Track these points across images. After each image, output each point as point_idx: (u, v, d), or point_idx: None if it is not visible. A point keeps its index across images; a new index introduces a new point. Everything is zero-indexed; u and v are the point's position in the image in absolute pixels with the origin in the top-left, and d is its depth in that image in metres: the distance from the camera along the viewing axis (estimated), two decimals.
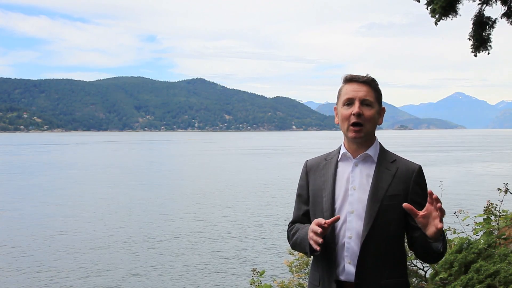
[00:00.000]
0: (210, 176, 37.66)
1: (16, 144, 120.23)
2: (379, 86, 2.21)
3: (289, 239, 2.31)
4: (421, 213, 1.95)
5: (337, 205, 2.13)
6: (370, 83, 2.15)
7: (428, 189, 1.99)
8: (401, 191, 2.11)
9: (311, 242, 2.02)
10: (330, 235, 2.11)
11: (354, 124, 2.11)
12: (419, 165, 2.18)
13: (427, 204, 1.96)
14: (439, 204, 1.91)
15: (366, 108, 2.12)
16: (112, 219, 20.07)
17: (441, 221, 1.92)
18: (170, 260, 13.91)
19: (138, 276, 12.50)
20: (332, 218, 2.00)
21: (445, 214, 1.91)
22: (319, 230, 1.99)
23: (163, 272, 12.83)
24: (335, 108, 2.25)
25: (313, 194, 2.22)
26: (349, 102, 2.14)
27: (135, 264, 13.50)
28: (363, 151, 2.16)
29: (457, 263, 4.50)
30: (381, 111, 2.20)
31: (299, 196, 2.31)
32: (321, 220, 2.00)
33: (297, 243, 2.21)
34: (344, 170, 2.18)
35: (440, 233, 1.95)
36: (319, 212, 2.17)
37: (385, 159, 2.17)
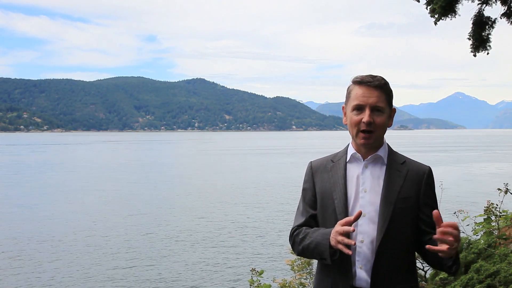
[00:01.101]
0: (210, 176, 37.67)
1: (16, 144, 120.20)
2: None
3: (295, 244, 2.17)
4: (443, 225, 1.87)
5: (349, 208, 2.07)
6: (383, 87, 2.06)
7: (453, 222, 1.88)
8: (413, 193, 2.05)
9: (340, 247, 1.92)
10: None
11: (364, 131, 2.05)
12: (429, 166, 2.13)
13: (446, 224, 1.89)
14: (451, 240, 1.85)
15: (376, 114, 2.05)
16: (112, 218, 20.07)
17: (451, 248, 1.85)
18: (170, 259, 13.92)
19: (138, 275, 12.51)
20: (356, 214, 1.93)
21: (458, 244, 1.86)
22: (351, 229, 1.91)
23: (162, 270, 12.84)
24: (343, 107, 2.17)
25: (322, 196, 2.15)
26: (359, 108, 2.05)
27: (135, 263, 13.51)
28: (372, 152, 2.10)
29: None
30: (391, 113, 2.13)
31: (304, 199, 2.23)
32: (349, 219, 1.93)
33: (310, 248, 2.09)
34: (354, 171, 2.12)
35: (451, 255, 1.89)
36: (329, 214, 2.10)
37: (395, 160, 2.12)
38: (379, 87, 2.05)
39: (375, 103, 2.03)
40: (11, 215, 20.99)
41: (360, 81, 2.06)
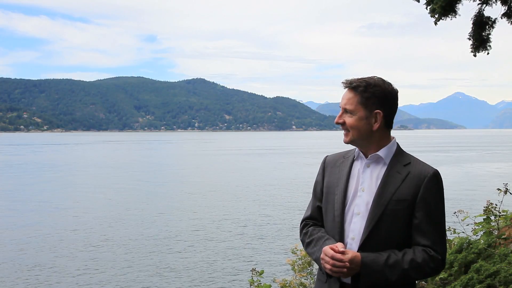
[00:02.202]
0: (210, 176, 37.68)
1: (17, 144, 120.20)
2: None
3: (303, 244, 2.27)
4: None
5: (346, 205, 2.11)
6: (355, 88, 2.08)
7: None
8: (409, 196, 2.02)
9: (327, 271, 2.02)
10: (337, 234, 2.10)
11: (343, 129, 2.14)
12: (435, 169, 2.07)
13: None
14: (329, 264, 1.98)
15: (347, 116, 2.10)
16: (111, 218, 20.06)
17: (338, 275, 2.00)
18: (170, 259, 13.92)
19: (137, 275, 12.51)
20: (341, 250, 1.99)
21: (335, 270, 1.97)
22: (340, 257, 1.98)
23: (162, 270, 12.84)
24: None
25: (327, 190, 2.20)
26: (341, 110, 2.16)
27: (135, 263, 13.51)
28: (374, 151, 2.12)
29: (457, 263, 4.46)
30: (375, 114, 2.09)
31: (314, 191, 2.31)
32: (336, 247, 1.99)
33: (312, 258, 2.20)
34: (357, 169, 2.16)
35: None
36: (330, 209, 2.16)
37: (399, 161, 2.10)
38: (352, 89, 2.09)
39: (343, 105, 2.10)
40: (13, 214, 20.99)
41: (342, 84, 2.15)
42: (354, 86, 2.08)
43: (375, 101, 2.08)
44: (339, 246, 1.98)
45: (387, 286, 2.00)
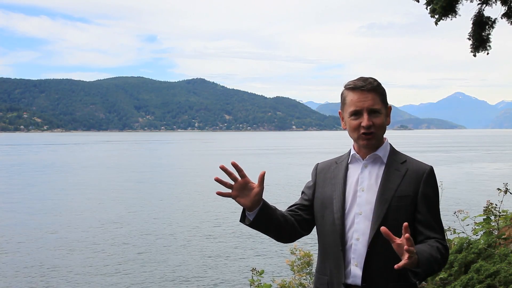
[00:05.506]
0: (210, 175, 37.58)
1: (17, 144, 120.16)
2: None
3: None
4: (398, 241, 1.85)
5: (346, 207, 2.11)
6: (376, 88, 2.09)
7: (407, 234, 1.81)
8: (410, 192, 2.06)
9: (219, 192, 2.18)
10: (338, 237, 2.09)
11: (365, 133, 2.08)
12: (431, 166, 2.13)
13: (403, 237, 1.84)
14: (406, 247, 1.81)
15: (374, 116, 2.08)
16: (110, 217, 20.04)
17: (407, 263, 1.82)
18: (169, 258, 13.91)
19: (136, 274, 12.50)
20: (260, 174, 2.15)
21: (410, 260, 1.82)
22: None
23: (161, 270, 12.83)
24: (340, 112, 2.22)
25: (322, 196, 2.20)
26: (356, 113, 2.09)
27: (134, 263, 13.50)
28: (371, 152, 2.13)
29: (457, 263, 4.48)
30: (388, 111, 2.17)
31: (302, 192, 2.33)
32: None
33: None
34: (354, 172, 2.16)
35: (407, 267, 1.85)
36: (328, 214, 2.14)
37: (395, 160, 2.14)
38: (372, 90, 2.08)
39: (371, 106, 2.07)
40: (12, 214, 21.00)
41: (354, 87, 2.10)
42: (376, 86, 2.09)
43: (386, 97, 2.16)
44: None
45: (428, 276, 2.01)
